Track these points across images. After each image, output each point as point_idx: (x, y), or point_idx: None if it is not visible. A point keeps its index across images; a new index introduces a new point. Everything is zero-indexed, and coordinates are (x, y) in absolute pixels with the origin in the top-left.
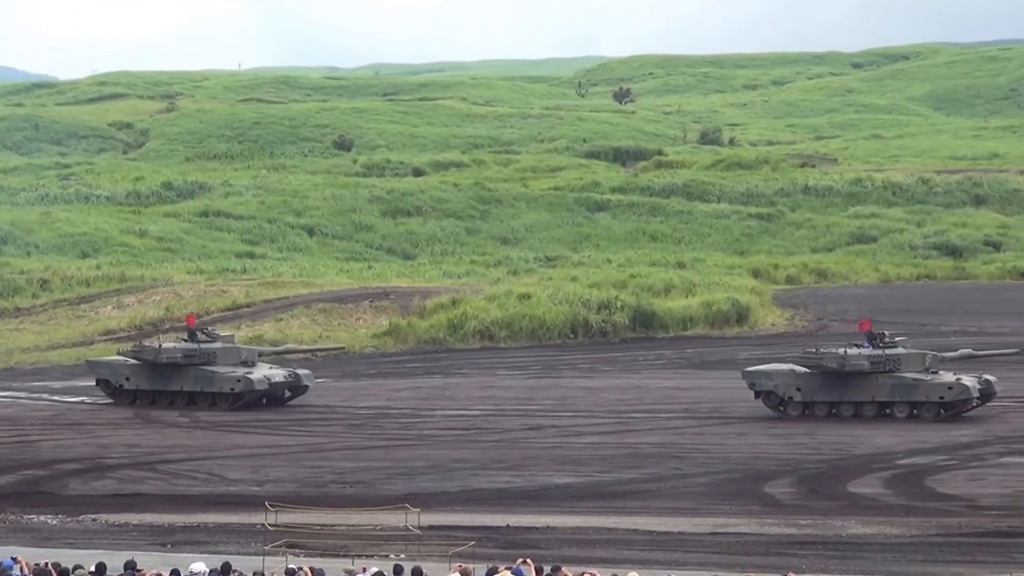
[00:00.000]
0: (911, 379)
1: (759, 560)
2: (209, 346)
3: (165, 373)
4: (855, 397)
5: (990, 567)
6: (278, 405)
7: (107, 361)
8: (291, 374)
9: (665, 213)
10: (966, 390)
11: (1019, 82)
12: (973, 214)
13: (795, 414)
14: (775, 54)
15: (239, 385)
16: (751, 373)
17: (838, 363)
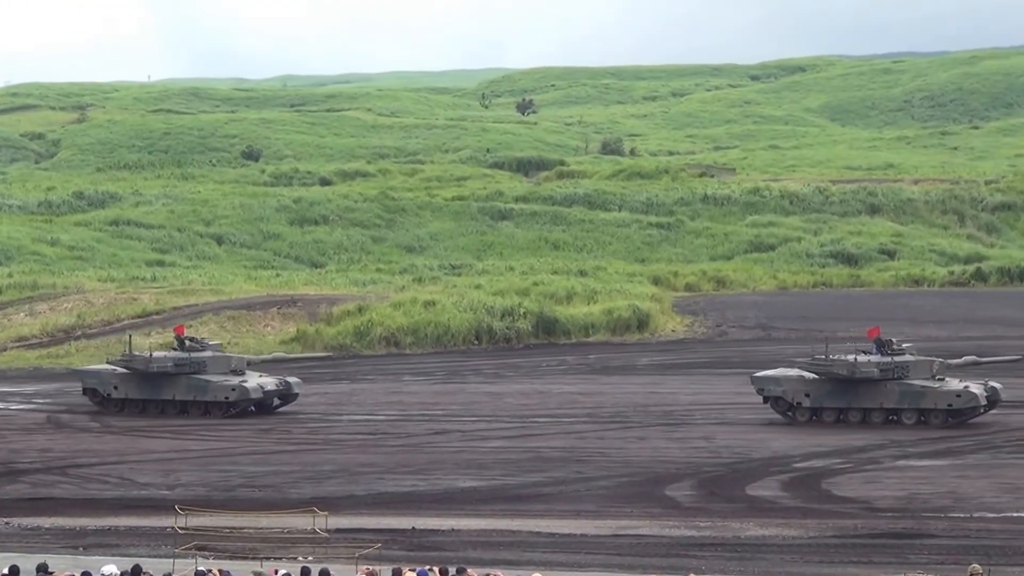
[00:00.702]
0: (919, 386)
1: (660, 562)
2: (199, 355)
3: (156, 382)
4: (864, 403)
5: (885, 568)
6: (267, 413)
7: (95, 370)
8: (282, 382)
9: (567, 222)
10: (975, 398)
11: (913, 94)
12: (868, 223)
13: (803, 419)
14: (675, 66)
15: (234, 394)
16: (760, 379)
17: (848, 370)
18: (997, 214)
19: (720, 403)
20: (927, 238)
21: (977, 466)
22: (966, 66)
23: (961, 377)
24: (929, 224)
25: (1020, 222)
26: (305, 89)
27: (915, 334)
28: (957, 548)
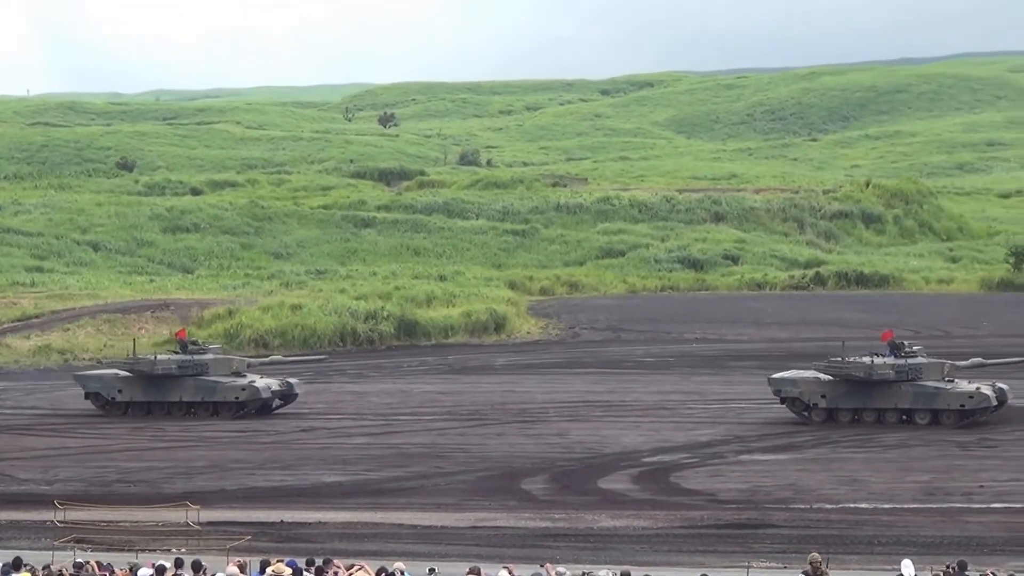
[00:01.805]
0: (933, 387)
1: (516, 552)
2: (202, 357)
3: (162, 385)
4: (878, 404)
5: (730, 556)
6: (266, 413)
7: (98, 374)
8: (284, 383)
9: (427, 229)
10: (987, 398)
11: (755, 108)
12: (713, 230)
13: (819, 420)
14: (529, 82)
15: (244, 394)
16: (777, 380)
17: (865, 372)
18: (834, 221)
19: (573, 401)
20: (769, 244)
21: (816, 460)
22: (805, 82)
23: (970, 379)
24: (770, 231)
25: (856, 229)
26: (177, 103)
27: (758, 335)
28: (798, 537)
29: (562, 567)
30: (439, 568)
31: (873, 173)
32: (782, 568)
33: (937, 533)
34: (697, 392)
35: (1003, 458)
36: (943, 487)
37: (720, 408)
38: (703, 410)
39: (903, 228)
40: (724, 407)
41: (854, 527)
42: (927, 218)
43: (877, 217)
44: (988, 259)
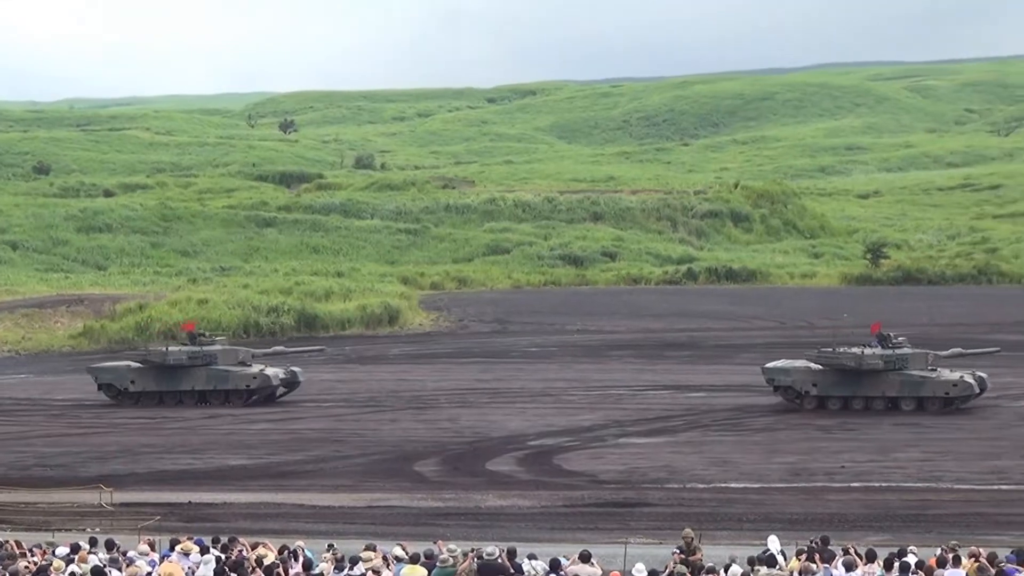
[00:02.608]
0: (919, 376)
1: (410, 530)
2: (211, 348)
3: (175, 375)
4: (867, 392)
5: (609, 533)
6: (270, 401)
7: (111, 366)
8: (288, 371)
9: (325, 229)
10: (970, 386)
11: (631, 115)
12: (592, 229)
13: (810, 407)
14: (420, 90)
15: (255, 382)
16: (770, 370)
17: (856, 362)
18: (705, 220)
19: (462, 388)
20: (644, 242)
21: (689, 443)
22: (678, 90)
23: (952, 367)
24: (646, 229)
25: (725, 227)
26: (90, 111)
27: (634, 326)
28: (672, 515)
29: (452, 544)
30: (337, 545)
31: (741, 175)
32: (658, 543)
33: (801, 510)
34: (578, 380)
35: (862, 440)
36: (807, 468)
37: (600, 395)
38: (584, 397)
39: (769, 226)
40: (603, 394)
41: (724, 505)
42: (791, 217)
43: (745, 216)
44: (848, 255)
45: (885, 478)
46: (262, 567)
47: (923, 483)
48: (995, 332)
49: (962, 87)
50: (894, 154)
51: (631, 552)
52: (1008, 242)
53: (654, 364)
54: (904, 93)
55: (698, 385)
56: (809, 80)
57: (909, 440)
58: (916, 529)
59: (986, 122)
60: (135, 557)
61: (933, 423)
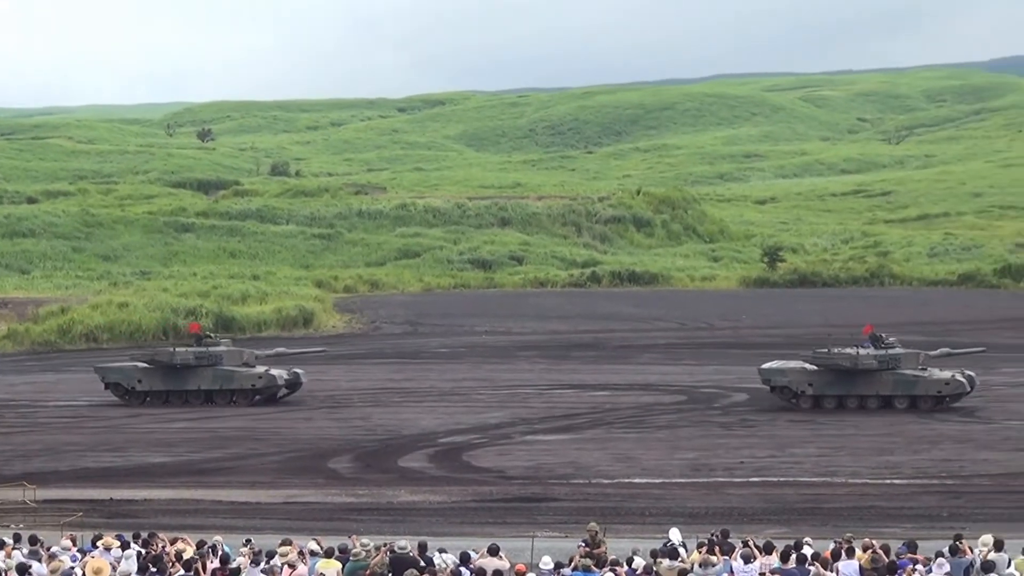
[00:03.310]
0: (912, 375)
1: (324, 524)
2: (216, 349)
3: (181, 375)
4: (861, 391)
5: (517, 527)
6: (272, 401)
7: (118, 366)
8: (291, 373)
9: (242, 234)
10: (962, 385)
11: (537, 124)
12: (500, 233)
13: (806, 407)
14: (333, 100)
15: (260, 382)
16: (767, 371)
17: (851, 362)
18: (608, 226)
19: (375, 388)
20: (550, 246)
21: (594, 440)
22: (582, 100)
23: (942, 366)
24: (552, 234)
25: (628, 232)
26: (14, 120)
27: (540, 328)
28: (578, 509)
29: (365, 538)
30: (254, 540)
31: (643, 182)
32: (564, 537)
33: (702, 504)
34: (487, 379)
35: (761, 437)
36: (708, 463)
37: (508, 393)
38: (492, 395)
39: (670, 231)
40: (511, 392)
41: (628, 500)
42: (692, 222)
43: (647, 221)
44: (746, 259)
45: (783, 473)
46: (181, 561)
47: (819, 478)
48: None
49: (855, 97)
50: (790, 161)
51: (538, 545)
52: (899, 246)
53: (560, 364)
54: (799, 103)
55: (602, 384)
56: (708, 90)
57: (806, 437)
58: (812, 522)
59: (878, 131)
60: (58, 552)
61: (827, 420)
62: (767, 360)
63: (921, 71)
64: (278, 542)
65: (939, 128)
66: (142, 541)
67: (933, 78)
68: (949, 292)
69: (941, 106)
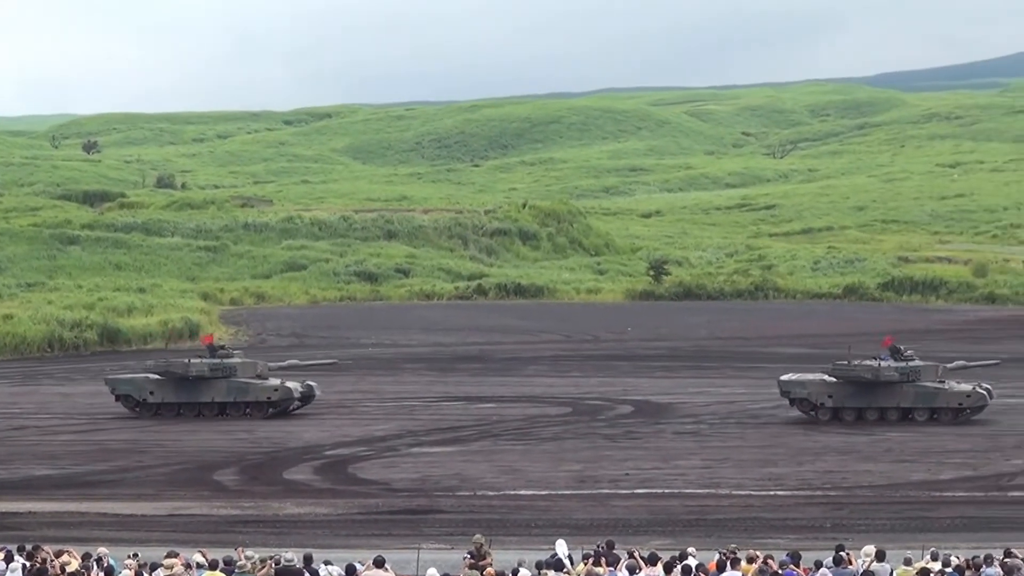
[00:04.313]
0: (933, 388)
1: (210, 537)
2: (230, 360)
3: (195, 386)
4: (882, 404)
5: (403, 539)
6: (285, 414)
7: (129, 377)
8: (305, 385)
9: (128, 246)
10: (982, 397)
11: (423, 137)
12: (386, 246)
13: (825, 419)
14: (219, 112)
15: (276, 394)
16: (786, 383)
17: (873, 374)
18: (495, 238)
19: None
20: (436, 259)
21: (479, 452)
22: (468, 113)
23: (959, 379)
24: (438, 247)
25: (514, 245)
26: None
27: (427, 340)
28: (463, 521)
29: (251, 550)
30: (140, 552)
31: (529, 195)
32: (449, 549)
33: (588, 516)
34: (373, 391)
35: (646, 449)
36: (593, 475)
37: (394, 405)
38: (378, 407)
39: (556, 244)
40: (397, 404)
41: (514, 511)
42: (577, 235)
43: (533, 234)
44: (631, 272)
45: (667, 485)
46: (66, 574)
47: (704, 489)
48: (772, 345)
49: (740, 112)
50: (675, 175)
51: (424, 557)
52: (783, 259)
53: (446, 376)
54: (684, 117)
55: (488, 396)
56: (594, 104)
57: (691, 448)
58: (696, 533)
59: (762, 145)
60: None
61: (713, 432)
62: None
63: (805, 86)
64: (163, 554)
65: (823, 142)
66: (27, 554)
67: (817, 93)
68: (832, 305)
69: (825, 121)
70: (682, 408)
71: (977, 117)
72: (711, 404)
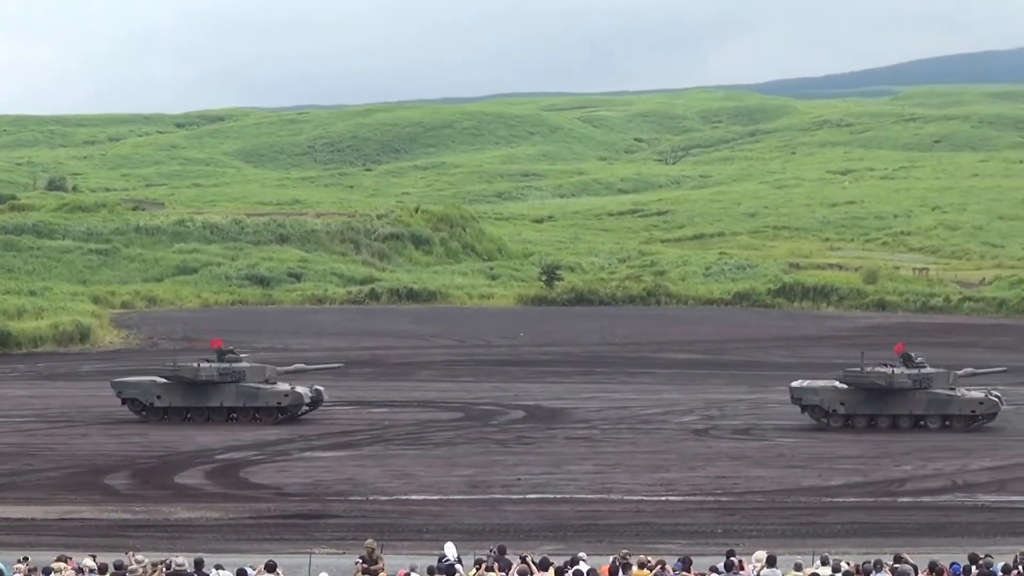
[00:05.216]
0: (945, 395)
1: (100, 541)
2: (239, 365)
3: (204, 391)
4: (893, 411)
5: (294, 543)
6: (294, 419)
7: (135, 381)
8: (314, 390)
9: (18, 249)
10: (995, 404)
11: (316, 141)
12: (278, 250)
13: (837, 425)
14: (111, 115)
15: (287, 400)
16: (798, 389)
17: (886, 381)
18: (387, 243)
19: None
20: (329, 263)
21: (372, 456)
22: (360, 117)
23: (969, 386)
24: (330, 251)
25: (407, 250)
26: None
27: (319, 345)
28: (355, 526)
29: (142, 555)
30: (31, 557)
31: (422, 200)
32: (341, 554)
33: (480, 521)
34: None
35: (538, 454)
36: (485, 480)
37: None
38: None
39: (449, 249)
40: None
41: (406, 516)
42: (470, 240)
43: (426, 239)
44: (524, 277)
45: (559, 490)
46: None
47: (595, 494)
48: (663, 351)
49: (632, 118)
50: (567, 180)
51: (315, 562)
52: (675, 265)
53: (338, 381)
54: (577, 123)
55: (380, 401)
56: (487, 109)
57: (583, 454)
58: (588, 538)
59: (654, 151)
60: None
61: (605, 437)
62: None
63: (697, 93)
64: (54, 558)
65: (715, 149)
66: None
67: (709, 100)
68: (724, 311)
69: (716, 127)
70: (574, 413)
71: (868, 125)
72: (603, 409)
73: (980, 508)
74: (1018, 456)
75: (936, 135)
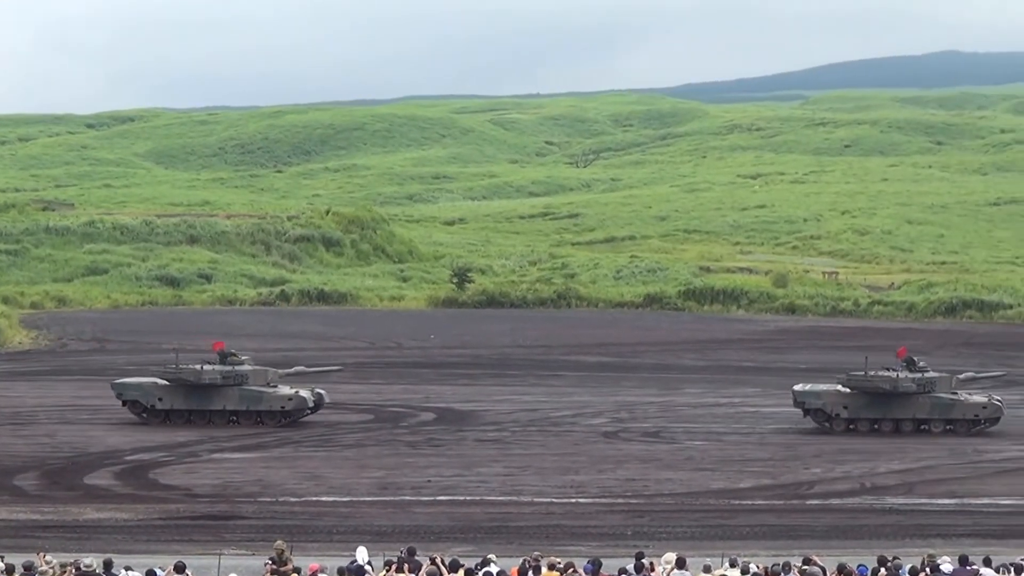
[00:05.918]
0: (949, 399)
1: (9, 542)
2: (241, 368)
3: (206, 394)
4: (897, 415)
5: (204, 545)
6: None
7: (136, 383)
8: (315, 393)
9: None
10: (998, 408)
11: (226, 142)
12: (189, 251)
13: (840, 429)
14: (20, 115)
15: (290, 403)
16: (801, 393)
17: (891, 385)
18: (298, 244)
19: (61, 405)
20: (239, 264)
21: (281, 458)
22: (272, 119)
23: (972, 391)
24: (240, 252)
25: (318, 251)
26: None
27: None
28: (265, 527)
29: (51, 556)
30: None
31: (332, 202)
32: (251, 555)
33: (390, 523)
34: None
35: (448, 456)
36: (395, 482)
37: None
38: None
39: (359, 251)
40: None
41: (315, 518)
42: (381, 242)
43: (336, 241)
44: (435, 279)
45: (469, 492)
46: None
47: (505, 496)
48: (574, 353)
49: (543, 121)
50: (478, 183)
51: (225, 563)
52: (585, 268)
53: None
54: (488, 126)
55: None
56: (398, 112)
57: (493, 456)
58: (498, 540)
59: (565, 154)
60: None
61: (515, 440)
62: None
63: (608, 96)
64: None
65: (625, 152)
66: None
67: (620, 103)
68: (634, 314)
69: (627, 131)
70: (484, 415)
71: (778, 129)
72: (513, 412)
73: (888, 511)
74: (925, 459)
75: (846, 140)
